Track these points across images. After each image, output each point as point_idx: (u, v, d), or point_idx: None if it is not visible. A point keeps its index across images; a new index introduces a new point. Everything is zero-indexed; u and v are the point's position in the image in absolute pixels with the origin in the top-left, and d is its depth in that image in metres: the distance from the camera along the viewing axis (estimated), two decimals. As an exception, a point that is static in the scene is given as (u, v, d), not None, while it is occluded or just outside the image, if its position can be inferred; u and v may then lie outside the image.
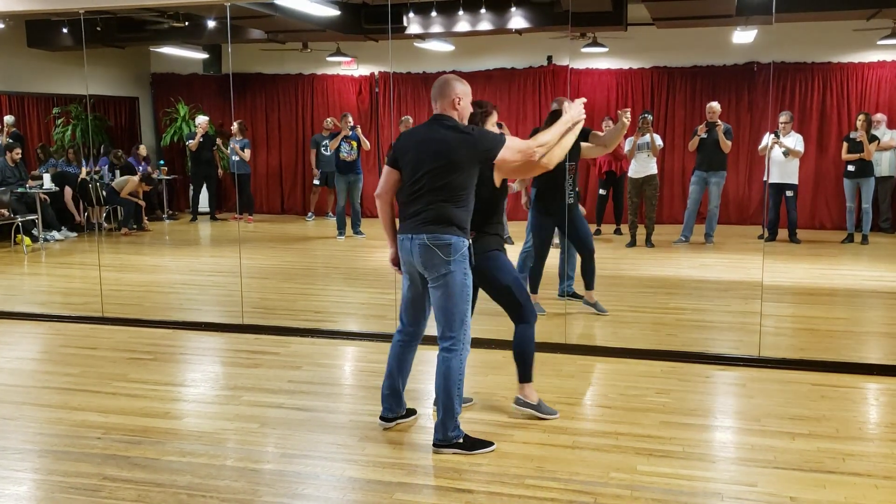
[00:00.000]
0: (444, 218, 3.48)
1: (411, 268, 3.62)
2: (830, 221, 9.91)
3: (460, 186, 3.50)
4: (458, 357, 3.59)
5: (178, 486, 3.31)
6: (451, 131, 3.52)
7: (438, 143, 3.51)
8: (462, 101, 3.59)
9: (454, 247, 3.49)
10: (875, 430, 3.91)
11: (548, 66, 10.75)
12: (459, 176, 3.49)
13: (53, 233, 9.81)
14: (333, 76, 11.79)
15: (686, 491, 3.24)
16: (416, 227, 3.52)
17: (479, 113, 3.79)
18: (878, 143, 8.92)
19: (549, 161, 3.65)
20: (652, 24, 9.18)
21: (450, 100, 3.57)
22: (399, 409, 3.92)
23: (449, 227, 3.49)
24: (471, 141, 3.50)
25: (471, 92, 3.65)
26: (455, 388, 3.59)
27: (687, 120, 10.01)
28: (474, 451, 3.61)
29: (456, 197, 3.50)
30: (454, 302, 3.54)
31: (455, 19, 8.92)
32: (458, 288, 3.52)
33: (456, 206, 3.50)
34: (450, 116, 3.58)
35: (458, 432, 3.63)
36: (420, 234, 3.50)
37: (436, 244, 3.48)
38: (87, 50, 6.67)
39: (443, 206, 3.49)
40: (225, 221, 11.28)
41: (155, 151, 12.11)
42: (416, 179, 3.53)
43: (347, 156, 9.78)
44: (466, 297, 3.58)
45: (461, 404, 3.67)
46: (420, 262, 3.54)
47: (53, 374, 4.86)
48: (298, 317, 6.16)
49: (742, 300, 6.43)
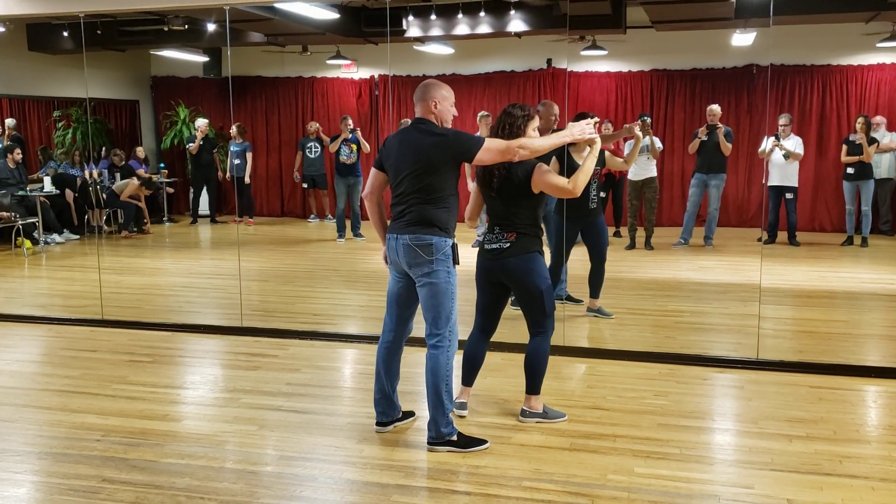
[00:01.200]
0: (425, 219, 3.57)
1: (398, 267, 3.70)
2: (830, 224, 9.92)
3: (440, 188, 3.57)
4: (445, 353, 3.65)
5: (176, 489, 3.32)
6: (427, 135, 3.60)
7: (416, 146, 3.59)
8: (440, 104, 3.64)
9: (435, 246, 3.57)
10: (873, 433, 3.91)
11: (547, 69, 10.76)
12: (437, 177, 3.56)
13: (54, 236, 9.82)
14: (333, 79, 11.81)
15: (683, 493, 3.25)
16: (400, 228, 3.63)
17: (521, 116, 3.82)
18: (878, 145, 8.93)
19: (576, 187, 3.75)
20: (651, 27, 9.20)
21: (427, 103, 3.64)
22: (393, 412, 3.93)
23: (430, 228, 3.57)
24: (445, 143, 3.56)
25: (451, 96, 3.70)
26: (444, 385, 3.64)
27: (686, 122, 10.02)
28: (469, 448, 3.63)
29: (436, 198, 3.58)
30: (439, 300, 3.62)
31: (454, 22, 8.94)
32: (442, 286, 3.60)
33: (436, 207, 3.58)
34: (428, 120, 3.65)
35: (451, 429, 3.66)
36: (404, 234, 3.60)
37: (417, 244, 3.57)
38: (88, 53, 6.70)
39: (423, 207, 3.57)
40: (225, 224, 11.29)
41: (155, 154, 12.13)
42: (399, 182, 3.63)
43: (347, 159, 9.79)
44: (452, 294, 3.65)
45: (451, 401, 3.70)
46: (405, 262, 3.63)
47: (53, 376, 4.87)
48: (297, 319, 6.17)
49: (741, 303, 6.44)
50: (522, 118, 3.81)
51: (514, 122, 3.77)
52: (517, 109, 3.81)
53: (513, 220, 3.82)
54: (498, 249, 3.84)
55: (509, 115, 3.80)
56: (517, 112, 3.80)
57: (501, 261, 3.83)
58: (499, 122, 3.83)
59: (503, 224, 3.85)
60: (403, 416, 3.99)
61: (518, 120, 3.79)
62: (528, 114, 3.85)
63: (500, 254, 3.83)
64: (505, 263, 3.83)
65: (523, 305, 3.94)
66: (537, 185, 3.76)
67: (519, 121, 3.79)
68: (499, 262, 3.84)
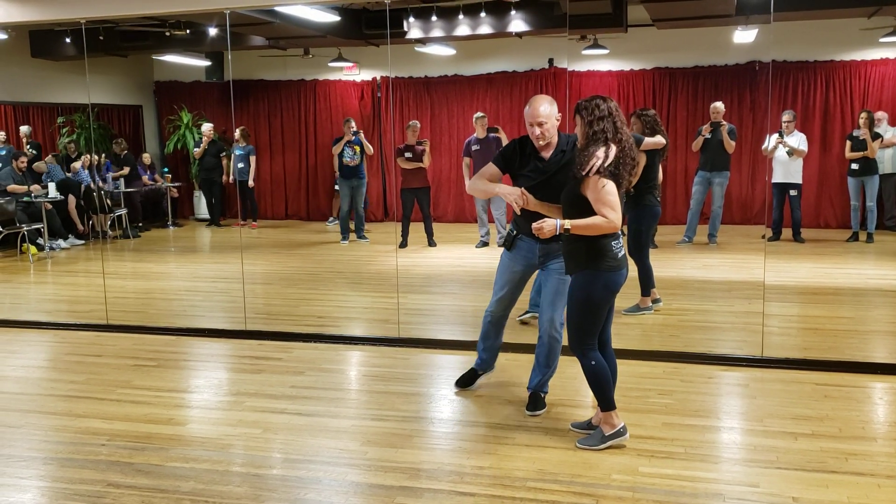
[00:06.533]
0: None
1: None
2: (835, 220, 9.88)
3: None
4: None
5: (181, 492, 3.33)
6: None
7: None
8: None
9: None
10: (879, 430, 3.90)
11: (549, 69, 10.75)
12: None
13: (59, 241, 9.85)
14: (335, 81, 11.82)
15: (688, 492, 3.24)
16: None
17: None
18: (882, 140, 8.89)
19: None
20: (652, 25, 9.18)
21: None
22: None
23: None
24: None
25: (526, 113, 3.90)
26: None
27: (689, 120, 9.99)
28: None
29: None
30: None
31: (455, 23, 8.93)
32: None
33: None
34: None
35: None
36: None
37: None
38: (90, 59, 6.72)
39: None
40: (229, 228, 11.31)
41: (159, 159, 12.16)
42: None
43: (350, 161, 9.80)
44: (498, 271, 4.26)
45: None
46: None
47: (58, 381, 4.89)
48: (301, 322, 6.18)
49: (745, 300, 6.42)
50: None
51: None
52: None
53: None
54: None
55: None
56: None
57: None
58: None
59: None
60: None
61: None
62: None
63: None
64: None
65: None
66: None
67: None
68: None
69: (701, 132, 8.66)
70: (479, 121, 9.01)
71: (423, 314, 6.42)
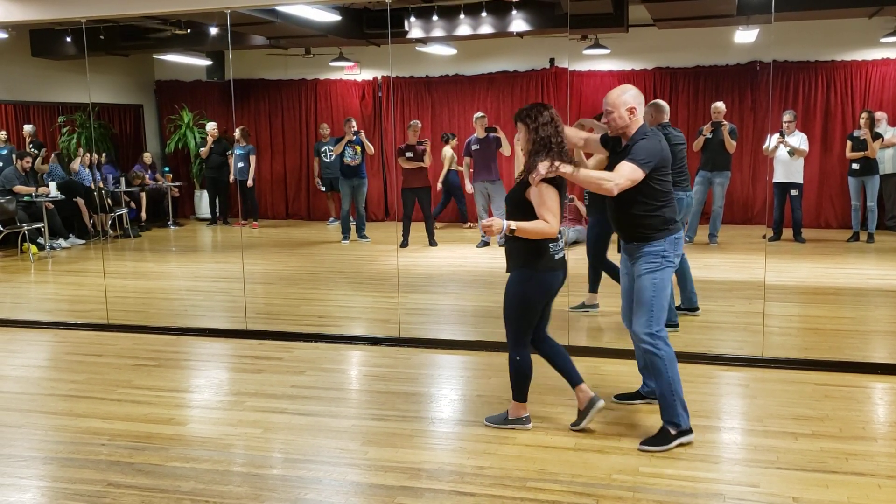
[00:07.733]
0: None
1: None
2: (835, 220, 9.89)
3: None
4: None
5: (182, 492, 3.33)
6: None
7: None
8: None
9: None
10: (879, 430, 3.90)
11: (550, 69, 10.75)
12: None
13: (60, 241, 9.86)
14: (336, 81, 11.83)
15: (688, 492, 3.24)
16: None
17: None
18: (882, 140, 8.89)
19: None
20: (653, 25, 9.18)
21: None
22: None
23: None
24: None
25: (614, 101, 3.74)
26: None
27: (690, 120, 9.98)
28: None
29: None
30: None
31: (456, 23, 8.94)
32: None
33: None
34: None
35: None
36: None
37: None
38: (91, 58, 6.73)
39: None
40: (230, 227, 11.32)
41: (160, 158, 12.17)
42: None
43: (351, 160, 9.80)
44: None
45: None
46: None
47: (59, 381, 4.89)
48: (301, 322, 6.18)
49: (746, 300, 6.41)
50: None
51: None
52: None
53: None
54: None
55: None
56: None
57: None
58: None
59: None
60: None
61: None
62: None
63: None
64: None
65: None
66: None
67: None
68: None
69: (702, 132, 8.65)
70: (479, 121, 9.02)
71: (424, 314, 6.42)
